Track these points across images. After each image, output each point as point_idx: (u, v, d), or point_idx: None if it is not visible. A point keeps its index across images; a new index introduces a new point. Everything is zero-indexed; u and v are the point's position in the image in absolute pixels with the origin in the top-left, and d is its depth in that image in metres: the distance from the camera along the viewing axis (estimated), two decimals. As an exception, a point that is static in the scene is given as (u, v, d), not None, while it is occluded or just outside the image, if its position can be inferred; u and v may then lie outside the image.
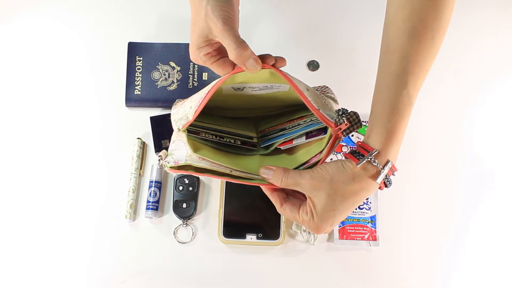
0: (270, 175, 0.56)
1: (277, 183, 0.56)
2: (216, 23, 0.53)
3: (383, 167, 0.54)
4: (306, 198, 0.56)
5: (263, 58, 0.55)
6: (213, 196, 0.76)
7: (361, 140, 0.57)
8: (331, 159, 0.77)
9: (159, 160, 0.60)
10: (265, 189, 0.59)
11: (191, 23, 0.57)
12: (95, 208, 0.76)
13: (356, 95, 0.82)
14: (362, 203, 0.61)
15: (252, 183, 0.57)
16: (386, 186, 0.56)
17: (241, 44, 0.53)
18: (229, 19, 0.54)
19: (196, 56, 0.58)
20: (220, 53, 0.58)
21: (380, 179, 0.54)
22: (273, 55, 0.56)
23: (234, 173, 0.57)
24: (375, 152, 0.54)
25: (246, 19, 0.65)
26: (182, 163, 0.56)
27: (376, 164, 0.54)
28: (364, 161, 0.54)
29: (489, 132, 0.80)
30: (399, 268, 0.73)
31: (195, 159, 0.56)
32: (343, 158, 0.77)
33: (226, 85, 0.58)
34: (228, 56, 0.55)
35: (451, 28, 0.86)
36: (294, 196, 0.59)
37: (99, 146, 0.79)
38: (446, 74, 0.83)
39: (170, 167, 0.57)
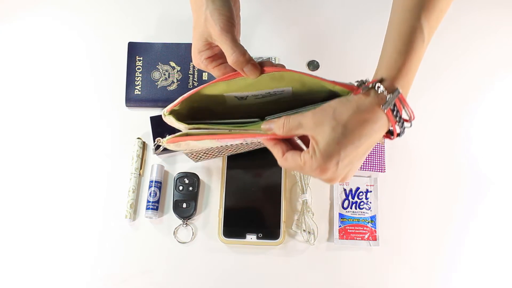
0: (272, 125, 0.53)
1: (279, 131, 0.53)
2: (215, 28, 0.54)
3: (390, 94, 0.49)
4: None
5: (262, 63, 0.55)
6: (213, 196, 0.76)
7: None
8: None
9: (154, 145, 0.60)
10: (267, 143, 0.55)
11: (193, 28, 0.58)
12: (95, 208, 0.76)
13: (356, 95, 0.82)
14: (371, 147, 0.52)
15: (252, 134, 0.55)
16: (398, 128, 0.51)
17: (238, 49, 0.53)
18: (228, 24, 0.54)
19: (198, 60, 0.58)
20: (221, 57, 0.58)
21: (386, 106, 0.49)
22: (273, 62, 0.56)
23: (233, 131, 0.55)
24: (381, 80, 0.50)
25: (246, 19, 0.65)
26: (178, 134, 0.56)
27: (381, 90, 0.49)
28: (368, 87, 0.50)
29: (489, 132, 0.80)
30: (399, 268, 0.73)
31: (191, 129, 0.56)
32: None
33: (228, 93, 0.58)
34: None
35: (451, 28, 0.86)
36: (298, 149, 0.55)
37: (99, 146, 0.79)
38: (445, 74, 0.83)
39: (167, 140, 0.57)
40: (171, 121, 0.57)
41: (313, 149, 0.50)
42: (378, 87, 0.49)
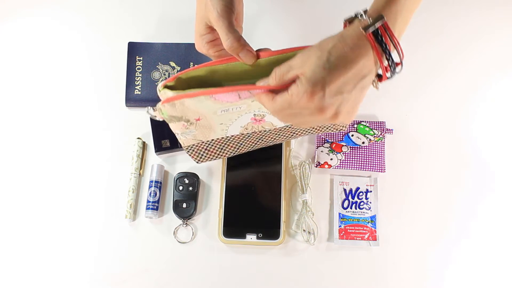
0: (266, 80, 0.53)
1: (273, 81, 0.52)
2: (212, 12, 0.55)
3: (374, 21, 0.49)
4: None
5: (259, 50, 0.55)
6: (213, 196, 0.76)
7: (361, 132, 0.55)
8: (331, 158, 0.77)
9: (147, 110, 0.59)
10: (259, 96, 0.54)
11: (196, 12, 0.59)
12: (95, 208, 0.76)
13: (356, 95, 0.82)
14: (362, 78, 0.50)
15: (246, 87, 0.54)
16: (386, 62, 0.50)
17: (233, 34, 0.54)
18: (225, 10, 0.55)
19: (200, 44, 0.60)
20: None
21: (367, 29, 0.48)
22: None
23: (226, 85, 0.55)
24: (365, 11, 0.51)
25: (248, 18, 0.65)
26: (171, 94, 0.55)
27: (364, 18, 0.49)
28: (352, 17, 0.50)
29: (490, 131, 0.80)
30: (399, 268, 0.73)
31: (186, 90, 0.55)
32: (343, 153, 0.77)
33: (226, 82, 0.58)
34: None
35: (451, 27, 0.86)
36: None
37: (99, 146, 0.79)
38: (445, 74, 0.83)
39: (162, 101, 0.56)
40: (166, 94, 0.56)
41: (299, 79, 0.49)
42: (361, 14, 0.50)
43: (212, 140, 0.66)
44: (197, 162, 0.71)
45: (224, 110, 0.58)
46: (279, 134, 0.68)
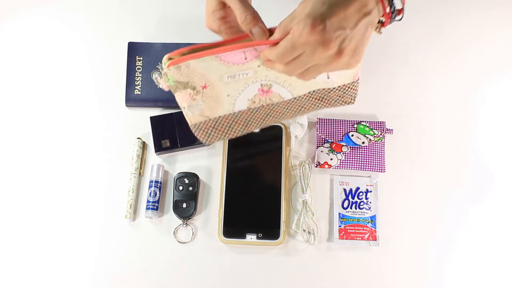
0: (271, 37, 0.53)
1: (278, 34, 0.52)
2: None
3: None
4: None
5: (271, 28, 0.54)
6: (213, 196, 0.76)
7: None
8: (331, 158, 0.77)
9: (154, 77, 0.58)
10: (264, 50, 0.54)
11: None
12: (95, 208, 0.76)
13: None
14: (363, 15, 0.50)
15: (252, 43, 0.53)
16: (387, 2, 0.50)
17: (248, 9, 0.53)
18: None
19: (211, 20, 0.58)
20: (235, 24, 0.57)
21: None
22: None
23: (233, 44, 0.54)
24: None
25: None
26: (177, 57, 0.54)
27: None
28: None
29: (491, 131, 0.80)
30: (399, 268, 0.73)
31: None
32: (343, 153, 0.77)
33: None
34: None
35: (451, 27, 0.86)
36: None
37: (99, 146, 0.79)
38: (446, 74, 0.83)
39: (168, 64, 0.54)
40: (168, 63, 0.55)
41: (300, 19, 0.49)
42: None
43: (220, 117, 0.63)
44: (205, 143, 0.67)
45: (230, 77, 0.57)
46: (287, 109, 0.67)
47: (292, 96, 0.63)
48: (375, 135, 0.77)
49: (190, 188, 0.75)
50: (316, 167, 0.77)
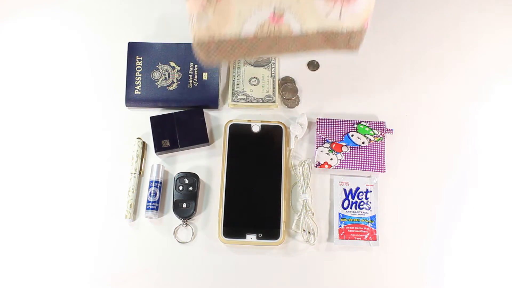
0: None
1: None
2: None
3: None
4: None
5: None
6: (213, 196, 0.76)
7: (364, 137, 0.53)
8: (331, 158, 0.77)
9: None
10: None
11: None
12: (95, 208, 0.76)
13: (357, 95, 0.82)
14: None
15: None
16: None
17: None
18: None
19: None
20: None
21: None
22: None
23: None
24: None
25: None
26: None
27: None
28: None
29: (491, 132, 0.80)
30: (399, 268, 0.73)
31: None
32: (343, 153, 0.77)
33: None
34: None
35: (452, 28, 0.86)
36: None
37: (99, 146, 0.79)
38: (447, 74, 0.83)
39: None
40: None
41: None
42: None
43: (225, 39, 0.61)
44: (204, 63, 0.65)
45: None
46: (292, 43, 0.66)
47: (301, 30, 0.62)
48: (375, 135, 0.77)
49: (190, 188, 0.75)
50: (316, 167, 0.77)
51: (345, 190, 0.76)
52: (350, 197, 0.76)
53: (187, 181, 0.75)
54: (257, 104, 0.79)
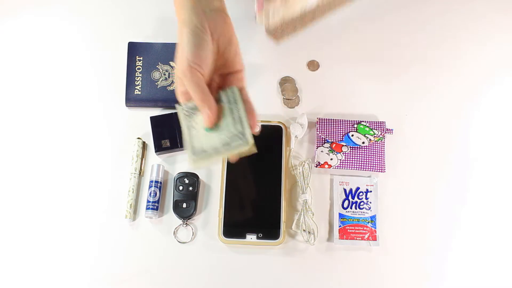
0: None
1: None
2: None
3: None
4: None
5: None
6: (213, 196, 0.76)
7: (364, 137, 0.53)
8: (331, 158, 0.77)
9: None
10: None
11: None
12: (95, 208, 0.76)
13: (357, 95, 0.82)
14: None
15: None
16: None
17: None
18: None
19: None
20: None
21: None
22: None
23: None
24: None
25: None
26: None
27: None
28: None
29: (491, 132, 0.80)
30: (399, 268, 0.73)
31: None
32: (343, 153, 0.77)
33: None
34: None
35: (452, 28, 0.86)
36: None
37: (99, 146, 0.79)
38: (447, 74, 0.83)
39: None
40: None
41: None
42: None
43: (293, 14, 0.64)
44: (276, 42, 0.69)
45: None
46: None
47: None
48: (375, 135, 0.77)
49: (190, 188, 0.75)
50: (316, 167, 0.77)
51: (345, 190, 0.76)
52: (350, 197, 0.76)
53: (187, 181, 0.75)
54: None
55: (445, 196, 0.76)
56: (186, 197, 0.74)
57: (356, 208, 0.75)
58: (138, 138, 0.78)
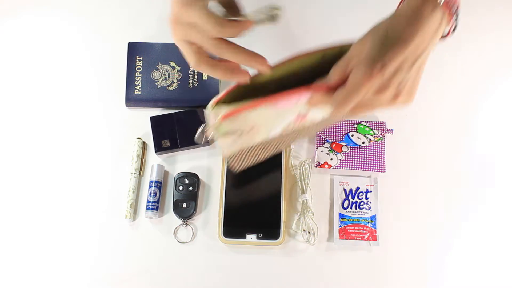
0: (325, 80, 0.51)
1: (334, 76, 0.50)
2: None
3: None
4: None
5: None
6: (213, 196, 0.76)
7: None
8: (331, 158, 0.77)
9: (202, 130, 0.55)
10: (318, 94, 0.51)
11: None
12: (95, 208, 0.76)
13: (356, 95, 0.82)
14: (423, 50, 0.48)
15: (307, 88, 0.52)
16: (454, 19, 0.49)
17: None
18: None
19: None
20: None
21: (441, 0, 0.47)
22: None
23: (288, 91, 0.52)
24: None
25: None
26: (232, 105, 0.52)
27: None
28: None
29: (492, 132, 0.80)
30: (399, 268, 0.73)
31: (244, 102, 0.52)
32: (343, 153, 0.77)
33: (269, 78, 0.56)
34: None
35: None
36: None
37: (99, 146, 0.79)
38: (448, 73, 0.83)
39: (222, 116, 0.52)
40: (219, 110, 0.53)
41: (357, 64, 0.48)
42: None
43: (254, 144, 0.63)
44: (236, 171, 0.68)
45: (277, 117, 0.56)
46: (316, 128, 0.67)
47: (323, 117, 0.63)
48: (375, 135, 0.77)
49: (190, 188, 0.75)
50: (316, 167, 0.77)
51: (345, 190, 0.76)
52: (350, 197, 0.76)
53: (187, 181, 0.75)
54: None
55: (445, 195, 0.76)
56: (186, 197, 0.74)
57: (356, 208, 0.75)
58: (138, 138, 0.78)
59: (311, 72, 0.56)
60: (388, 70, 0.47)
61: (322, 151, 0.77)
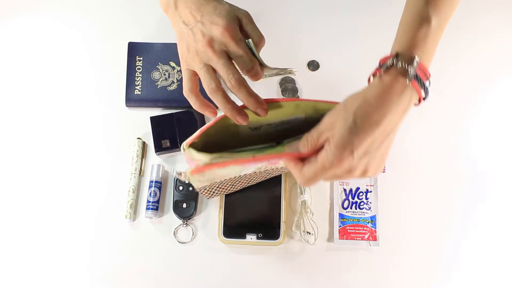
0: (296, 146, 0.53)
1: (305, 148, 0.52)
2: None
3: (408, 64, 0.49)
4: None
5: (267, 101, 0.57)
6: (213, 196, 0.76)
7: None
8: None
9: (178, 175, 0.59)
10: (289, 163, 0.54)
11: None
12: (95, 208, 0.76)
13: (356, 95, 0.82)
14: (389, 133, 0.51)
15: (277, 155, 0.55)
16: (423, 93, 0.51)
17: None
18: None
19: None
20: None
21: (411, 75, 0.49)
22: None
23: (257, 155, 0.54)
24: (395, 56, 0.50)
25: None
26: (202, 163, 0.55)
27: (399, 64, 0.49)
28: (385, 65, 0.50)
29: (490, 132, 0.80)
30: (399, 268, 0.73)
31: (214, 158, 0.54)
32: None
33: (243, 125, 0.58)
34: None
35: (451, 31, 0.86)
36: None
37: (99, 146, 0.79)
38: (447, 74, 0.83)
39: (191, 171, 0.56)
40: (191, 154, 0.56)
41: (328, 144, 0.50)
42: (395, 62, 0.50)
43: (225, 179, 0.66)
44: (208, 198, 0.73)
45: (246, 169, 0.60)
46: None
47: None
48: (375, 135, 0.77)
49: (190, 188, 0.75)
50: (316, 167, 0.77)
51: (345, 190, 0.76)
52: (350, 197, 0.76)
53: (187, 181, 0.75)
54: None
55: (445, 195, 0.76)
56: (186, 197, 0.74)
57: (356, 208, 0.75)
58: (138, 138, 0.78)
59: (298, 122, 0.60)
60: (357, 154, 0.49)
61: (322, 151, 0.77)
